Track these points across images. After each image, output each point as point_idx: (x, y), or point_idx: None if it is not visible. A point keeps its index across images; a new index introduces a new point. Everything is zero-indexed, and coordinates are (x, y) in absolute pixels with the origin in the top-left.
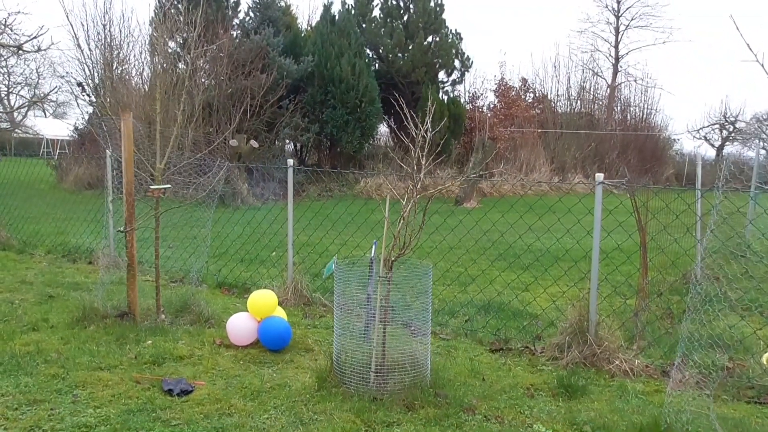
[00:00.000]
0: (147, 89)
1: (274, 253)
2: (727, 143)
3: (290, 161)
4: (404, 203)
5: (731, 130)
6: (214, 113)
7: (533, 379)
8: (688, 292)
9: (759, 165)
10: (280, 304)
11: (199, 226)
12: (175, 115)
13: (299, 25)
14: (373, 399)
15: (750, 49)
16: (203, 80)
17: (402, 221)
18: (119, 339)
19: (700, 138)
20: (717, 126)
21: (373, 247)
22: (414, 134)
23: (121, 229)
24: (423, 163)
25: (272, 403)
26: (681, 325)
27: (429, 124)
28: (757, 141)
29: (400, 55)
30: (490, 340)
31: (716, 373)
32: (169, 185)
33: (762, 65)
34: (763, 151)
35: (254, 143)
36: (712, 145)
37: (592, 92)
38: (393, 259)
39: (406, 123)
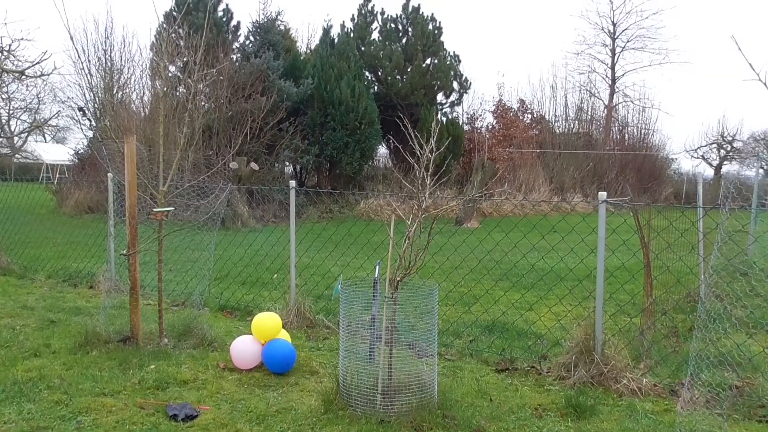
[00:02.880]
0: (147, 113)
1: (275, 275)
2: (725, 162)
3: (292, 182)
4: (409, 223)
5: (729, 149)
6: (215, 136)
7: (541, 399)
8: (692, 310)
9: (758, 184)
10: (283, 326)
11: (200, 249)
12: (176, 138)
13: (299, 48)
14: (381, 421)
15: (753, 68)
16: (203, 103)
17: (407, 241)
18: (122, 364)
19: (698, 157)
20: (714, 145)
21: (377, 267)
22: (419, 153)
23: (124, 252)
24: (428, 182)
25: (279, 428)
26: (687, 343)
27: (434, 144)
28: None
29: (399, 77)
30: (495, 360)
31: (726, 392)
32: (172, 208)
33: (765, 83)
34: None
35: (254, 166)
36: (710, 165)
37: (589, 112)
38: (398, 279)
39: (411, 143)
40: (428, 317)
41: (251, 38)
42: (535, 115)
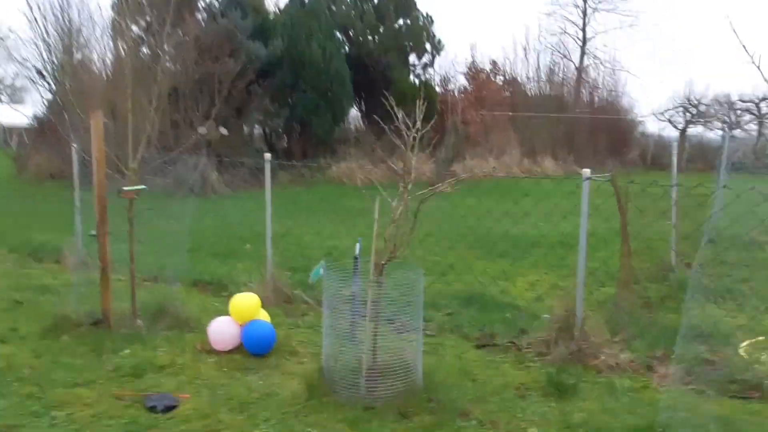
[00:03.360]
0: (110, 75)
1: (248, 245)
2: (690, 125)
3: (267, 155)
4: (394, 205)
5: (694, 112)
6: (181, 99)
7: (523, 378)
8: (664, 279)
9: (728, 149)
10: (262, 305)
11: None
12: (142, 103)
13: (267, 8)
14: (366, 408)
15: (747, 52)
16: (168, 64)
17: (392, 224)
18: (95, 349)
19: (665, 120)
20: (681, 108)
21: (358, 244)
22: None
23: (93, 232)
24: (413, 161)
25: (262, 416)
26: (661, 314)
27: (419, 122)
28: (720, 123)
29: (371, 37)
30: (475, 335)
31: (699, 367)
32: (143, 186)
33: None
34: (720, 132)
35: (223, 130)
36: (676, 127)
37: (561, 74)
38: (383, 262)
39: (384, 105)
40: (413, 302)
41: None
42: (507, 77)
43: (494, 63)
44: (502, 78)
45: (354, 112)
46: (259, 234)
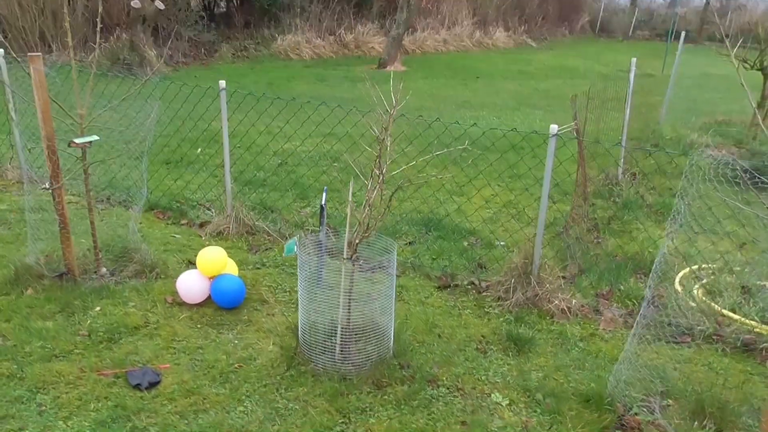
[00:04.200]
0: None
1: (200, 150)
2: None
3: (222, 82)
4: (369, 186)
5: None
6: None
7: (483, 328)
8: (610, 195)
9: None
10: (220, 234)
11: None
12: None
13: None
14: (343, 378)
15: None
16: None
17: (367, 207)
18: (64, 308)
19: None
20: None
21: (324, 194)
22: None
23: (46, 186)
24: (388, 145)
25: (244, 390)
26: (606, 237)
27: None
28: None
29: None
30: (437, 275)
31: (637, 305)
32: (95, 137)
33: None
34: None
35: (159, 4)
36: None
37: None
38: (357, 241)
39: None
40: (386, 278)
41: None
42: None
43: None
44: None
45: None
46: (209, 134)
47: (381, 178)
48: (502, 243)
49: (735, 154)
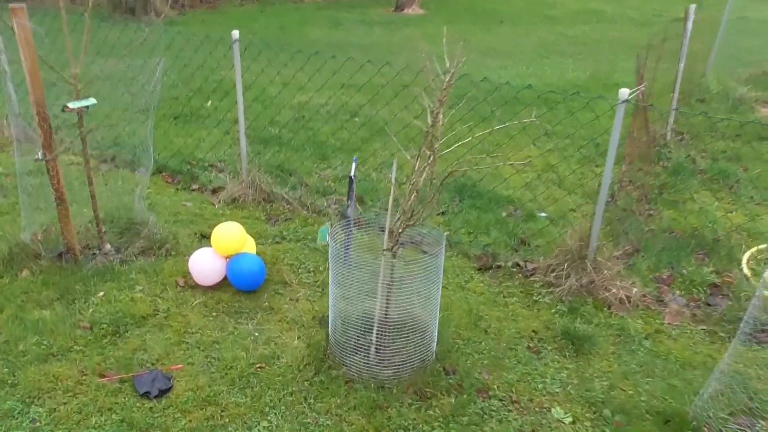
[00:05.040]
0: None
1: (209, 102)
2: None
3: (235, 33)
4: (416, 169)
5: None
6: None
7: (534, 322)
8: (658, 158)
9: None
10: (235, 201)
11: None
12: None
13: None
14: (380, 387)
15: None
16: None
17: (413, 192)
18: (64, 294)
19: None
20: None
21: (354, 164)
22: None
23: (39, 157)
24: (440, 114)
25: (268, 398)
26: (658, 209)
27: None
28: None
29: None
30: (476, 253)
31: (705, 293)
32: (92, 100)
33: None
34: None
35: None
36: None
37: None
38: (400, 230)
39: None
40: (431, 273)
41: None
42: None
43: None
44: None
45: None
46: (219, 84)
47: (432, 158)
48: (544, 214)
49: None
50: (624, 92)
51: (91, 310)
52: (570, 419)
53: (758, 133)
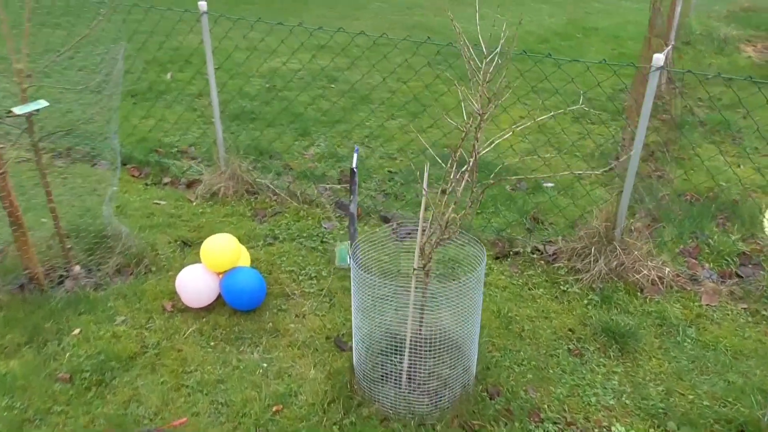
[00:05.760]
0: None
1: (170, 75)
2: None
3: (202, 4)
4: (452, 175)
5: None
6: None
7: (568, 318)
8: (655, 109)
9: None
10: (214, 196)
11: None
12: None
13: None
14: (421, 424)
15: None
16: None
17: (448, 201)
18: (33, 336)
19: None
20: None
21: (355, 154)
22: None
23: None
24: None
25: None
26: (669, 168)
27: None
28: None
29: None
30: (490, 239)
31: (735, 264)
32: (43, 102)
33: None
34: None
35: None
36: None
37: None
38: (433, 245)
39: None
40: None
41: None
42: None
43: None
44: None
45: None
46: (177, 52)
47: (474, 161)
48: (550, 185)
49: None
50: (659, 58)
51: (68, 355)
52: None
53: (749, 75)
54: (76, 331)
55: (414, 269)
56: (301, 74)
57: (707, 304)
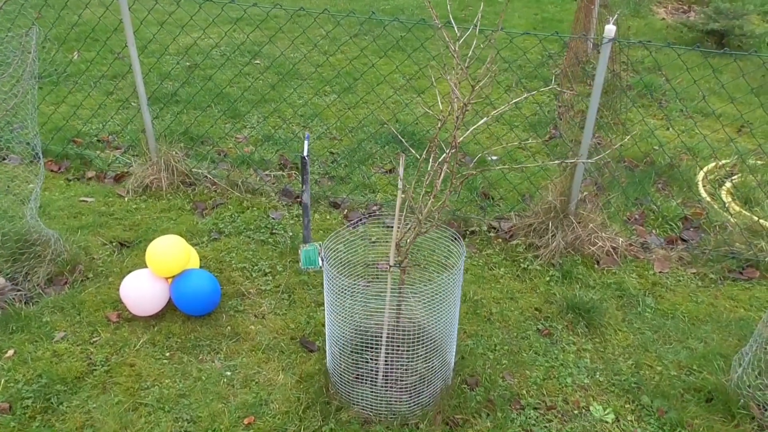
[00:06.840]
0: None
1: (77, 54)
2: None
3: None
4: (431, 169)
5: None
6: None
7: (533, 297)
8: (584, 75)
9: None
10: (147, 189)
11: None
12: None
13: None
14: (404, 424)
15: None
16: None
17: (428, 195)
18: None
19: None
20: None
21: (306, 141)
22: None
23: None
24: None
25: None
26: (601, 135)
27: None
28: None
29: None
30: (445, 220)
31: (678, 229)
32: None
33: None
34: None
35: None
36: None
37: None
38: (409, 240)
39: None
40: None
41: None
42: None
43: None
44: None
45: None
46: (81, 28)
47: (453, 150)
48: (495, 157)
49: (697, 13)
50: (610, 29)
51: (3, 381)
52: (611, 416)
53: (665, 39)
54: (10, 352)
55: (390, 266)
56: (220, 50)
57: (660, 272)
